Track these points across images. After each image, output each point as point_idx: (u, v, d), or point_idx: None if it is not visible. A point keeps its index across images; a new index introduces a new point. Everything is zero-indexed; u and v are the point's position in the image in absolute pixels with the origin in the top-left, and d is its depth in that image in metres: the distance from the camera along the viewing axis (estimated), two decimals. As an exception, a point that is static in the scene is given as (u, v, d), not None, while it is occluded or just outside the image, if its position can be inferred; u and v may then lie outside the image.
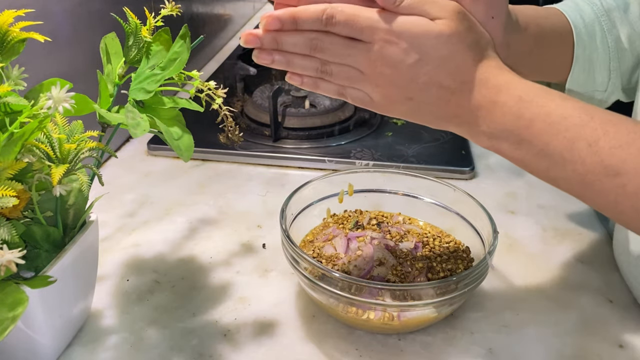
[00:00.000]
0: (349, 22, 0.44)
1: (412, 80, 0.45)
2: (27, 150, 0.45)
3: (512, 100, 0.45)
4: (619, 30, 0.61)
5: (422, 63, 0.45)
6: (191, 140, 0.53)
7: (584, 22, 0.60)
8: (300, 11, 0.45)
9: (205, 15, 1.23)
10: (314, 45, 0.46)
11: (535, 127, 0.44)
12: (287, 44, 0.46)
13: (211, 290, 0.61)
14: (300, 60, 0.47)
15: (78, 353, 0.53)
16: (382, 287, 0.51)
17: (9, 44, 0.46)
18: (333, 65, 0.47)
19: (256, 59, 0.48)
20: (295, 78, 0.49)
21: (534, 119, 0.44)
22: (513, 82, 0.46)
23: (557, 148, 0.43)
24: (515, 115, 0.44)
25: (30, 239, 0.48)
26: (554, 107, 0.44)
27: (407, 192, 0.68)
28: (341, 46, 0.46)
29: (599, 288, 0.63)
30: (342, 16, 0.44)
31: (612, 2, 0.62)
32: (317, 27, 0.45)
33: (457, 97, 0.46)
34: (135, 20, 0.52)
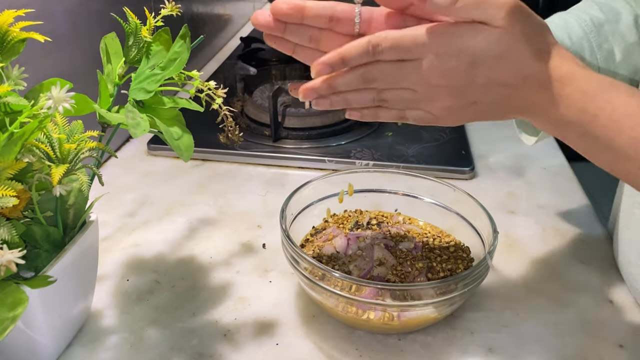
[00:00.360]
0: (394, 45, 0.44)
1: (470, 84, 0.45)
2: (27, 150, 0.45)
3: (577, 93, 0.44)
4: (611, 44, 0.61)
5: (476, 65, 0.44)
6: (191, 140, 0.53)
7: (571, 41, 0.60)
8: (346, 50, 0.45)
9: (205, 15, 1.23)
10: (365, 79, 0.46)
11: (599, 122, 0.43)
12: (341, 85, 0.47)
13: (211, 290, 0.61)
14: (355, 95, 0.48)
15: (78, 353, 0.53)
16: (382, 287, 0.51)
17: (9, 44, 0.46)
18: (388, 92, 0.47)
19: (315, 106, 0.49)
20: (355, 113, 0.50)
21: (598, 114, 0.43)
22: (577, 74, 0.45)
23: (621, 145, 0.43)
24: (579, 109, 0.44)
25: (30, 239, 0.48)
26: (619, 104, 0.43)
27: (407, 192, 0.68)
28: (391, 71, 0.46)
29: (599, 288, 0.63)
30: (388, 42, 0.44)
31: (602, 15, 0.62)
32: (366, 60, 0.45)
33: (521, 92, 0.45)
34: (135, 20, 0.52)
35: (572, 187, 0.82)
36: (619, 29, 0.61)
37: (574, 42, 0.60)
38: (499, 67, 0.45)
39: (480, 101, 0.46)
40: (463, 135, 0.93)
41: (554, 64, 0.45)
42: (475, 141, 0.93)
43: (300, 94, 0.48)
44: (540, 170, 0.86)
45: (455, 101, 0.46)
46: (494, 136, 0.95)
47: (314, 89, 0.47)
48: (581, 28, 0.61)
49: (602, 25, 0.61)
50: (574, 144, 0.47)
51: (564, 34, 0.60)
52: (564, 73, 0.45)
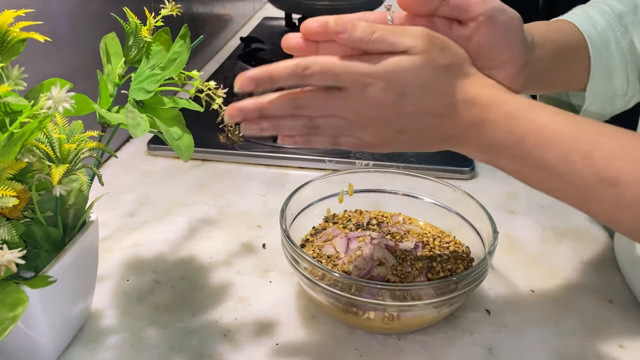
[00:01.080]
0: (323, 70, 0.44)
1: (400, 114, 0.46)
2: (27, 150, 0.45)
3: (501, 116, 0.45)
4: (631, 34, 0.61)
5: (404, 96, 0.45)
6: (191, 140, 0.53)
7: (597, 32, 0.60)
8: (275, 68, 0.45)
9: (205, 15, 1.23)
10: (295, 105, 0.46)
11: (528, 142, 0.44)
12: (271, 109, 0.47)
13: (211, 290, 0.61)
14: (287, 122, 0.48)
15: (78, 353, 0.53)
16: (382, 287, 0.51)
17: (9, 44, 0.46)
18: (319, 120, 0.47)
19: (245, 131, 0.48)
20: (287, 139, 0.50)
21: (525, 134, 0.44)
22: (499, 97, 0.45)
23: (551, 161, 0.43)
24: (506, 132, 0.45)
25: (30, 239, 0.48)
26: (543, 122, 0.44)
27: (407, 192, 0.68)
28: (322, 99, 0.46)
29: (599, 288, 0.63)
30: (317, 66, 0.44)
31: (621, 6, 0.62)
32: (293, 82, 0.45)
33: (448, 120, 0.46)
34: (136, 20, 0.52)
35: (572, 187, 0.82)
36: (637, 18, 0.61)
37: (599, 32, 0.60)
38: (425, 96, 0.45)
39: (409, 130, 0.47)
40: (463, 135, 0.93)
41: (476, 90, 0.46)
42: (475, 141, 0.93)
43: (227, 114, 0.47)
44: (540, 170, 0.86)
45: (383, 129, 0.47)
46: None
47: (241, 109, 0.47)
48: (604, 19, 0.61)
49: (622, 16, 0.61)
50: (506, 167, 0.47)
51: (589, 25, 0.60)
52: (486, 98, 0.45)
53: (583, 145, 0.43)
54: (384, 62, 0.44)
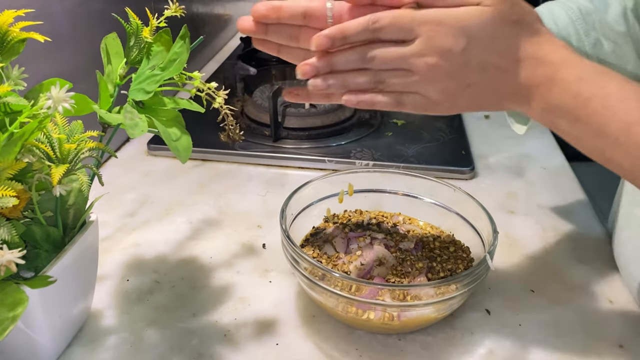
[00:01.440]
0: (393, 22, 0.45)
1: (466, 65, 0.46)
2: (27, 150, 0.45)
3: (571, 77, 0.45)
4: (598, 33, 0.61)
5: (471, 46, 0.45)
6: (189, 141, 0.53)
7: (557, 27, 0.60)
8: (347, 25, 0.46)
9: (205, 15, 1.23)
10: (364, 56, 0.47)
11: (593, 107, 0.44)
12: (340, 63, 0.47)
13: (211, 290, 0.61)
14: (353, 77, 0.48)
15: (78, 353, 0.53)
16: (382, 287, 0.51)
17: (9, 44, 0.46)
18: (385, 74, 0.48)
19: (313, 88, 0.49)
20: (351, 98, 0.50)
21: (591, 98, 0.44)
22: (571, 59, 0.45)
23: (613, 131, 0.43)
24: (573, 94, 0.44)
25: (30, 239, 0.48)
26: (613, 90, 0.44)
27: (407, 192, 0.68)
28: (391, 52, 0.46)
29: (599, 288, 0.63)
30: (387, 19, 0.45)
31: (589, 5, 0.62)
32: (365, 37, 0.46)
33: (513, 76, 0.46)
34: (137, 20, 0.52)
35: (572, 187, 0.82)
36: (606, 19, 0.61)
37: (560, 28, 0.60)
38: (492, 48, 0.45)
39: (475, 83, 0.47)
40: (463, 135, 0.93)
41: (546, 48, 0.46)
42: (475, 141, 0.93)
43: (299, 71, 0.48)
44: (540, 170, 0.86)
45: (450, 82, 0.47)
46: (494, 136, 0.95)
47: (313, 65, 0.48)
48: (567, 15, 0.61)
49: (589, 14, 0.61)
50: (566, 131, 0.47)
51: (550, 21, 0.60)
52: (557, 58, 0.45)
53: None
54: (453, 12, 0.45)
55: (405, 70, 0.47)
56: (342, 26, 0.46)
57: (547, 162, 0.88)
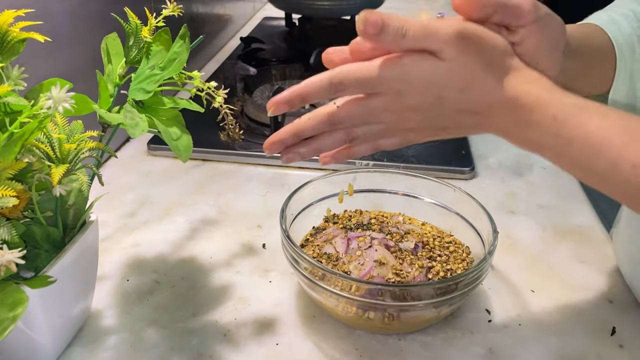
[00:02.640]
0: (357, 82, 0.44)
1: (440, 114, 0.45)
2: (27, 150, 0.45)
3: (547, 119, 0.43)
4: None
5: (443, 99, 0.44)
6: (190, 140, 0.53)
7: (622, 36, 0.59)
8: (305, 87, 0.45)
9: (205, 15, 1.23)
10: (332, 122, 0.46)
11: (575, 146, 0.43)
12: (308, 132, 0.47)
13: (211, 290, 0.61)
14: (325, 140, 0.48)
15: (78, 353, 0.53)
16: (382, 287, 0.51)
17: (9, 44, 0.46)
18: (357, 129, 0.47)
19: (286, 162, 0.49)
20: (327, 160, 0.50)
21: (572, 138, 0.43)
22: (544, 98, 0.44)
23: (600, 167, 0.42)
24: (552, 135, 0.43)
25: (30, 239, 0.48)
26: (592, 128, 0.42)
27: (407, 192, 0.68)
28: (359, 110, 0.45)
29: (599, 288, 0.63)
30: (350, 79, 0.44)
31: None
32: (326, 98, 0.45)
33: (489, 119, 0.45)
34: (136, 20, 0.52)
35: (572, 187, 0.82)
36: None
37: (625, 36, 0.59)
38: (464, 98, 0.44)
39: (450, 127, 0.47)
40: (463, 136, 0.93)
41: (519, 89, 0.44)
42: (475, 141, 0.93)
43: (265, 149, 0.48)
44: (540, 170, 0.86)
45: (426, 130, 0.47)
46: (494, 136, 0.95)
47: (279, 141, 0.47)
48: (628, 23, 0.60)
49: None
50: (552, 162, 0.46)
51: (615, 29, 0.59)
52: (531, 100, 0.44)
53: (633, 154, 0.41)
54: (420, 67, 0.43)
55: (379, 124, 0.47)
56: (301, 88, 0.45)
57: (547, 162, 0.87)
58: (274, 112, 0.46)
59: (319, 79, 0.45)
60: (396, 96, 0.44)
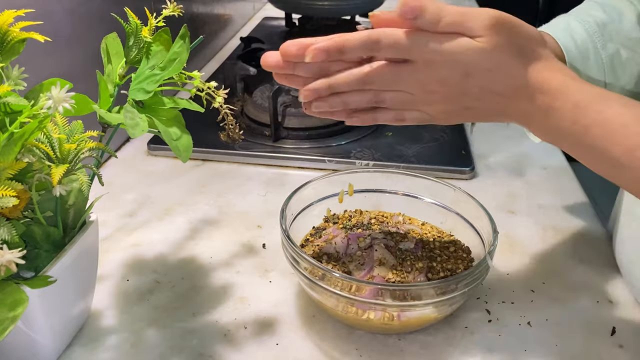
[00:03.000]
0: (395, 44, 0.45)
1: (464, 93, 0.46)
2: (27, 150, 0.45)
3: (568, 105, 0.45)
4: (616, 44, 0.61)
5: (470, 77, 0.45)
6: (190, 141, 0.53)
7: (575, 44, 0.60)
8: (345, 40, 0.46)
9: (205, 15, 1.23)
10: (363, 81, 0.47)
11: (593, 133, 0.44)
12: (341, 86, 0.48)
13: (211, 290, 0.61)
14: (354, 97, 0.49)
15: (78, 353, 0.53)
16: (382, 287, 0.51)
17: (9, 44, 0.46)
18: (385, 94, 0.48)
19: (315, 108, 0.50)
20: (354, 119, 0.51)
21: (590, 125, 0.44)
22: (568, 86, 0.45)
23: (615, 154, 0.43)
24: (571, 121, 0.45)
25: (30, 239, 0.48)
26: (611, 115, 0.44)
27: (407, 192, 0.68)
28: (389, 74, 0.47)
29: (599, 288, 0.63)
30: (388, 39, 0.45)
31: (604, 16, 0.62)
32: (362, 53, 0.46)
33: (513, 102, 0.46)
34: (136, 20, 0.52)
35: (572, 187, 0.82)
36: (622, 27, 0.61)
37: (578, 45, 0.60)
38: (491, 79, 0.46)
39: (473, 107, 0.48)
40: (463, 135, 0.93)
41: (544, 76, 0.46)
42: (475, 141, 0.93)
43: (301, 95, 0.49)
44: (540, 170, 0.86)
45: (449, 106, 0.48)
46: (494, 136, 0.95)
47: (314, 89, 0.48)
48: (585, 30, 0.61)
49: (605, 26, 0.61)
50: (569, 151, 0.47)
51: (568, 38, 0.60)
52: (554, 86, 0.45)
53: None
54: (453, 43, 0.45)
55: (405, 93, 0.48)
56: (340, 40, 0.46)
57: (547, 162, 0.88)
58: (313, 57, 0.46)
59: (358, 34, 0.46)
60: (426, 66, 0.45)
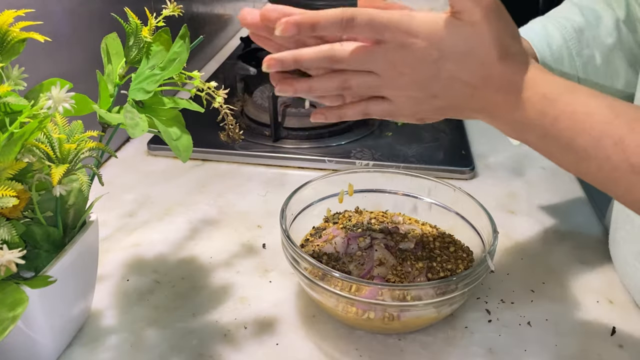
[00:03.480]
0: (370, 22, 0.44)
1: (434, 77, 0.45)
2: (27, 150, 0.45)
3: (536, 97, 0.45)
4: (592, 49, 0.61)
5: (443, 60, 0.44)
6: (190, 140, 0.53)
7: (550, 50, 0.60)
8: (319, 15, 0.44)
9: (205, 15, 1.23)
10: (332, 57, 0.46)
11: (560, 124, 0.44)
12: (308, 61, 0.46)
13: (211, 290, 0.61)
14: (320, 82, 0.47)
15: (78, 353, 0.53)
16: (382, 287, 0.51)
17: (9, 44, 0.46)
18: (353, 79, 0.47)
19: (279, 92, 0.48)
20: (318, 116, 0.50)
21: (558, 116, 0.44)
22: (537, 78, 0.45)
23: (582, 144, 0.43)
24: (539, 112, 0.45)
25: (30, 239, 0.48)
26: (579, 105, 0.44)
27: (407, 192, 0.68)
28: (360, 52, 0.45)
29: (599, 288, 0.63)
30: (364, 17, 0.44)
31: (582, 20, 0.62)
32: (335, 31, 0.45)
33: (480, 92, 0.46)
34: (136, 20, 0.52)
35: (572, 187, 0.82)
36: (599, 32, 0.61)
37: (553, 51, 0.60)
38: (462, 64, 0.45)
39: (440, 95, 0.46)
40: (463, 135, 0.93)
41: (515, 68, 0.45)
42: (475, 141, 0.93)
43: (265, 64, 0.46)
44: (540, 170, 0.86)
45: (417, 92, 0.46)
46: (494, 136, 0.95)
47: (279, 59, 0.46)
48: (561, 35, 0.61)
49: (582, 31, 0.61)
50: (535, 146, 0.47)
51: (544, 43, 0.60)
52: (524, 77, 0.45)
53: (616, 130, 0.42)
54: (430, 23, 0.44)
55: (373, 75, 0.46)
56: (314, 16, 0.44)
57: (547, 162, 0.87)
58: (283, 31, 0.44)
59: (332, 10, 0.44)
60: (399, 47, 0.44)
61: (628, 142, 0.42)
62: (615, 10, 0.63)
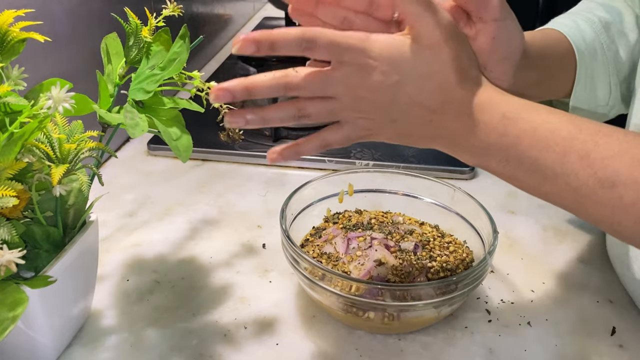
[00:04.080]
0: (329, 43, 0.42)
1: (393, 101, 0.44)
2: (27, 150, 0.45)
3: (496, 117, 0.44)
4: (617, 45, 0.61)
5: (402, 84, 0.43)
6: (190, 140, 0.53)
7: (585, 43, 0.59)
8: (278, 33, 0.42)
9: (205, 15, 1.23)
10: (287, 85, 0.43)
11: (523, 143, 0.43)
12: (259, 91, 0.43)
13: (211, 290, 0.61)
14: (274, 112, 0.45)
15: (78, 353, 0.53)
16: (382, 287, 0.51)
17: (9, 44, 0.46)
18: (310, 106, 0.45)
19: (228, 124, 0.45)
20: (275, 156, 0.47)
21: (520, 135, 0.43)
22: (495, 98, 0.44)
23: (547, 163, 0.42)
24: (499, 133, 0.43)
25: (30, 239, 0.48)
26: (540, 122, 0.43)
27: (407, 192, 0.68)
28: (317, 81, 0.43)
29: (599, 288, 0.63)
30: (324, 39, 0.42)
31: (608, 16, 0.61)
32: (294, 51, 0.42)
33: (439, 117, 0.44)
34: (136, 20, 0.52)
35: (572, 187, 0.82)
36: (623, 29, 0.61)
37: (587, 43, 0.59)
38: (422, 88, 0.44)
39: (399, 120, 0.45)
40: (463, 135, 0.93)
41: (474, 91, 0.44)
42: (475, 141, 0.93)
43: (212, 95, 0.43)
44: (540, 170, 0.86)
45: (376, 116, 0.45)
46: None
47: (228, 89, 0.42)
48: (592, 29, 0.61)
49: (609, 26, 0.61)
50: (498, 171, 0.46)
51: (579, 36, 0.60)
52: (482, 99, 0.44)
53: (580, 145, 0.41)
54: (390, 46, 0.43)
55: (332, 100, 0.45)
56: (273, 33, 0.42)
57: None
58: (239, 49, 0.41)
59: (292, 29, 0.42)
60: (358, 70, 0.43)
61: (594, 157, 0.41)
62: (633, 8, 0.62)
